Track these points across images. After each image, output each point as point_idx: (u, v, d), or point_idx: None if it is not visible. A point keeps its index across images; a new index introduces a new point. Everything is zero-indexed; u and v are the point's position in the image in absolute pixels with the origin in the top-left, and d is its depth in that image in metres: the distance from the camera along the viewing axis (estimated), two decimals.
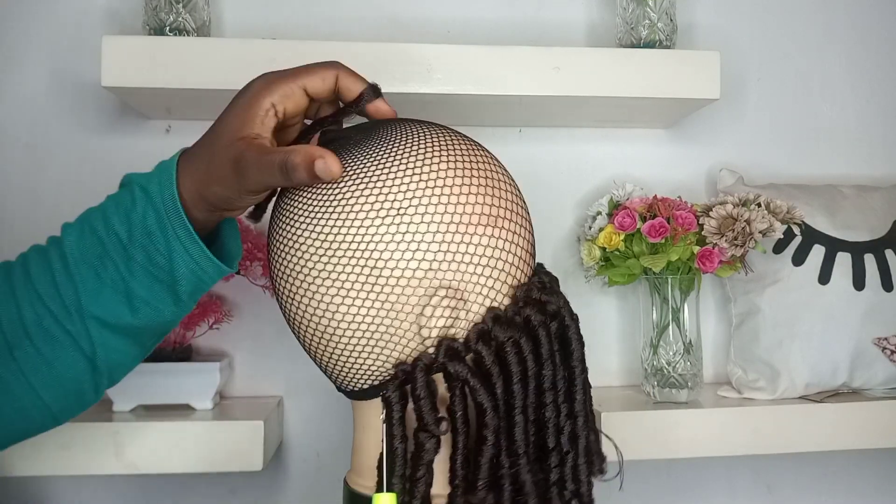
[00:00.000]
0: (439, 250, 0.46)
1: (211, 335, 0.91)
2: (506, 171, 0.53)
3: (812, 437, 0.85)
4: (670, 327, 0.89)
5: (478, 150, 0.52)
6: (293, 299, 0.50)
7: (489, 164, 0.51)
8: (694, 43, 1.02)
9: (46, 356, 0.49)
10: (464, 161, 0.49)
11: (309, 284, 0.48)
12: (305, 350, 0.53)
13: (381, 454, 0.47)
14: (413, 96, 0.84)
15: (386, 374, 0.49)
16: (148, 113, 0.92)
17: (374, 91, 0.52)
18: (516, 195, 0.52)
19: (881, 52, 1.07)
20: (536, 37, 1.00)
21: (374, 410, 0.51)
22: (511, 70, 0.84)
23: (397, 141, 0.49)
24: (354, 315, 0.47)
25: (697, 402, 0.88)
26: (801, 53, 1.06)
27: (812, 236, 0.92)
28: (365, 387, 0.50)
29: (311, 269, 0.48)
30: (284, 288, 0.50)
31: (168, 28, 0.83)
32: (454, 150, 0.50)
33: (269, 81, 0.50)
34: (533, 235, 0.54)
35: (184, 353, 0.88)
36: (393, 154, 0.48)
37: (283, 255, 0.50)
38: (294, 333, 0.53)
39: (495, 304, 0.48)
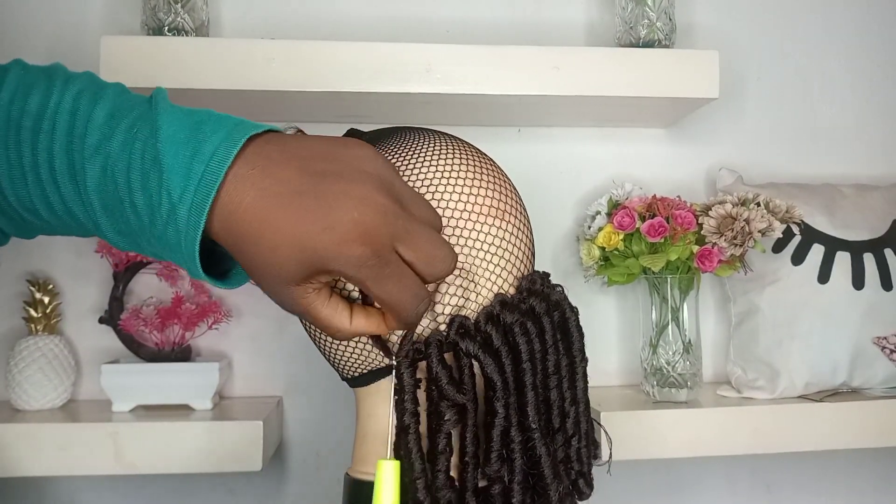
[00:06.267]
0: (453, 235, 0.50)
1: (210, 335, 0.91)
2: (508, 177, 0.56)
3: (811, 437, 0.85)
4: (669, 327, 0.89)
5: (485, 155, 0.56)
6: None
7: (496, 167, 0.55)
8: (693, 42, 1.02)
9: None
10: (476, 160, 0.53)
11: None
12: (312, 337, 0.54)
13: (390, 431, 0.49)
14: (412, 96, 0.84)
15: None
16: None
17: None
18: (519, 198, 0.56)
19: (881, 52, 1.07)
20: (535, 36, 1.00)
21: (379, 398, 0.52)
22: (510, 70, 0.84)
23: (416, 141, 0.53)
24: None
25: (697, 402, 0.88)
26: (801, 53, 1.06)
27: (811, 235, 0.92)
28: (375, 369, 0.51)
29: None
30: None
31: (167, 28, 0.83)
32: (467, 151, 0.54)
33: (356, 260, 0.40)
34: (533, 237, 0.56)
35: (183, 354, 0.89)
36: (413, 151, 0.52)
37: None
38: (303, 322, 0.54)
39: (502, 292, 0.51)
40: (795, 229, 0.89)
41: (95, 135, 0.41)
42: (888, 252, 0.92)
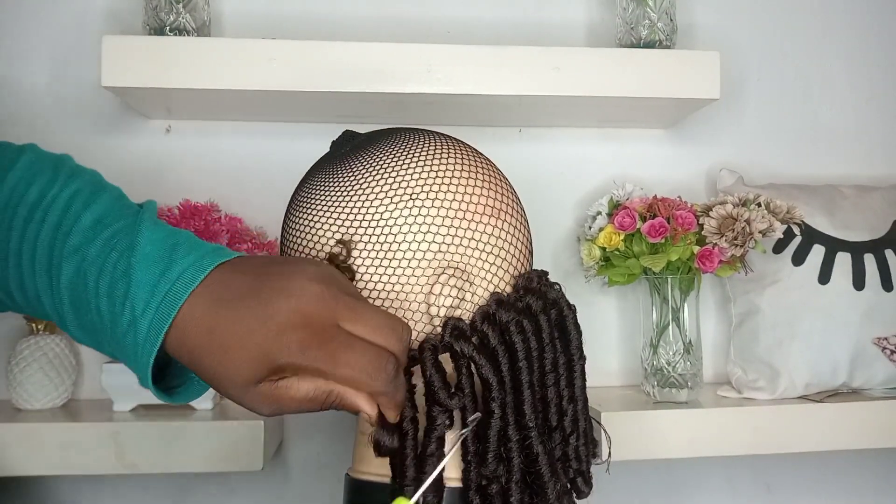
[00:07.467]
0: (448, 234, 0.50)
1: None
2: (505, 176, 0.57)
3: (812, 437, 0.85)
4: (670, 327, 0.89)
5: (481, 154, 0.56)
6: None
7: (492, 166, 0.55)
8: (694, 43, 1.02)
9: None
10: (471, 159, 0.54)
11: None
12: None
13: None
14: (413, 96, 0.84)
15: None
16: (148, 113, 0.92)
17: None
18: (516, 197, 0.56)
19: (881, 52, 1.07)
20: (536, 37, 1.00)
21: None
22: (511, 70, 0.84)
23: (411, 141, 0.53)
24: (367, 295, 0.49)
25: (697, 402, 0.88)
26: (801, 53, 1.06)
27: (812, 236, 0.92)
28: None
29: (327, 253, 0.50)
30: None
31: (168, 28, 0.83)
32: (462, 150, 0.54)
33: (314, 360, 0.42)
34: (531, 235, 0.56)
35: None
36: (408, 150, 0.52)
37: (299, 241, 0.52)
38: None
39: (498, 290, 0.51)
40: (796, 230, 0.89)
41: (78, 237, 0.44)
42: (888, 253, 0.92)
